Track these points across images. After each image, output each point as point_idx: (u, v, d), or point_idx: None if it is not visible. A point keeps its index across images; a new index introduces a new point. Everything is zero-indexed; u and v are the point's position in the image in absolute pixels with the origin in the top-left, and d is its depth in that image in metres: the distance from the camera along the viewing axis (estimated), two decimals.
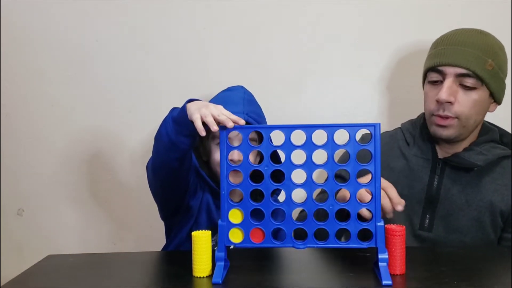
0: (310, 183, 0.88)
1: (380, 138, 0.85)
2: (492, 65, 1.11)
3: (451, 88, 1.11)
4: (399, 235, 0.87)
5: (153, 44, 1.50)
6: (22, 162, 1.55)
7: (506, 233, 1.18)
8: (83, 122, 1.53)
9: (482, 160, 1.16)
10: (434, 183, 1.19)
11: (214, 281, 0.85)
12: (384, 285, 0.82)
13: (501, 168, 1.18)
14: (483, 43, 1.12)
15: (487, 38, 1.15)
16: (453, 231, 1.17)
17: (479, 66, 1.10)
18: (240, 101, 1.21)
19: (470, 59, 1.10)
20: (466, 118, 1.13)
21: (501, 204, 1.16)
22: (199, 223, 1.22)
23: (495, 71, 1.12)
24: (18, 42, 1.51)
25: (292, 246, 0.88)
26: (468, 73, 1.11)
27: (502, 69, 1.15)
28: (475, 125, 1.16)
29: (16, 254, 1.57)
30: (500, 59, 1.14)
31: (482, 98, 1.13)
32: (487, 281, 0.88)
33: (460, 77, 1.12)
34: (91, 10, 1.49)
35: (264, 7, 1.48)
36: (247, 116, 1.17)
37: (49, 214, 1.57)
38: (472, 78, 1.11)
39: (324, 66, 1.50)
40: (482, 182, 1.17)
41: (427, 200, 1.19)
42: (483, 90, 1.12)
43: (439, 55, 1.14)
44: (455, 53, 1.12)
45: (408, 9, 1.46)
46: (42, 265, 1.02)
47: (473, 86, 1.11)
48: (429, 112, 1.17)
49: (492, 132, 1.22)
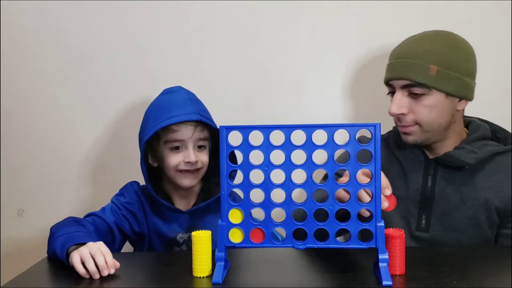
0: (310, 183, 0.88)
1: (380, 138, 0.85)
2: (435, 69, 1.11)
3: (401, 100, 1.15)
4: (398, 236, 0.87)
5: (153, 44, 1.50)
6: (22, 162, 1.55)
7: (504, 229, 1.18)
8: (83, 122, 1.53)
9: (473, 159, 1.16)
10: (428, 183, 1.20)
11: (214, 281, 0.85)
12: (384, 285, 0.82)
13: (494, 164, 1.19)
14: (423, 50, 1.13)
15: (429, 42, 1.15)
16: (450, 230, 1.18)
17: (421, 74, 1.12)
18: (187, 102, 1.20)
19: (410, 69, 1.12)
20: (426, 123, 1.15)
21: (496, 201, 1.16)
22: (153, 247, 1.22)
23: (441, 73, 1.12)
24: (18, 42, 1.51)
25: (292, 246, 0.88)
26: (411, 83, 1.13)
27: (454, 67, 1.13)
28: (441, 127, 1.17)
29: (16, 254, 1.57)
30: (447, 59, 1.13)
31: (436, 101, 1.14)
32: (487, 281, 0.88)
33: (408, 88, 1.14)
34: (91, 10, 1.49)
35: (264, 7, 1.48)
36: (199, 115, 1.17)
37: (49, 214, 1.57)
38: (418, 87, 1.13)
39: (324, 66, 1.50)
40: (476, 180, 1.18)
41: (422, 200, 1.20)
42: (435, 93, 1.13)
43: (387, 70, 1.19)
44: (398, 66, 1.15)
45: (409, 9, 1.46)
46: (42, 265, 1.02)
47: (421, 93, 1.13)
48: (395, 121, 1.21)
49: (482, 130, 1.22)
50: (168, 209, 1.21)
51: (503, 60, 1.46)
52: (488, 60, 1.38)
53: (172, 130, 1.17)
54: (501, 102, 1.46)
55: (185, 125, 1.16)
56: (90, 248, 0.94)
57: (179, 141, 1.17)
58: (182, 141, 1.17)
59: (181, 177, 1.19)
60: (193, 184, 1.21)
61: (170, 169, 1.19)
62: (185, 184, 1.20)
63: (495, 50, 1.44)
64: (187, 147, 1.18)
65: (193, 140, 1.18)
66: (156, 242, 1.22)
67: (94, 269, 0.91)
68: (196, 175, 1.20)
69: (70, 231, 1.03)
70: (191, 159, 1.16)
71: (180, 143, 1.18)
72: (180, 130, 1.17)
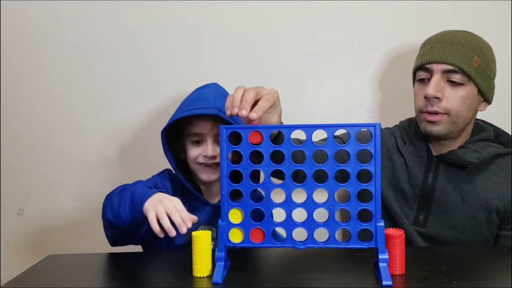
0: (310, 183, 0.88)
1: (380, 138, 0.85)
2: (478, 62, 1.13)
3: (438, 84, 1.13)
4: (398, 236, 0.87)
5: (153, 44, 1.50)
6: (22, 162, 1.55)
7: (504, 230, 1.19)
8: (83, 122, 1.53)
9: (476, 158, 1.16)
10: (428, 180, 1.21)
11: (214, 281, 0.85)
12: (384, 285, 0.82)
13: (496, 166, 1.19)
14: (469, 41, 1.15)
15: (474, 37, 1.17)
16: (448, 228, 1.18)
17: (465, 62, 1.12)
18: (211, 97, 1.22)
19: (456, 55, 1.13)
20: (455, 114, 1.14)
21: (497, 202, 1.16)
22: None
23: (482, 68, 1.13)
24: (18, 42, 1.51)
25: (292, 246, 0.88)
26: (454, 69, 1.13)
27: (490, 67, 1.16)
28: (465, 122, 1.17)
29: (16, 254, 1.57)
30: (487, 57, 1.16)
31: (470, 94, 1.14)
32: (487, 281, 0.88)
33: (447, 73, 1.13)
34: (91, 10, 1.49)
35: (264, 7, 1.48)
36: (218, 111, 1.17)
37: (49, 214, 1.57)
38: (459, 74, 1.13)
39: (324, 65, 1.50)
40: (477, 180, 1.18)
41: (422, 197, 1.21)
42: (471, 86, 1.14)
43: (426, 54, 1.17)
44: (441, 50, 1.14)
45: (408, 9, 1.47)
46: (42, 265, 1.02)
47: (460, 81, 1.13)
48: (419, 109, 1.19)
49: (486, 131, 1.23)
50: (196, 199, 1.22)
51: (503, 60, 1.46)
52: None
53: (193, 123, 1.20)
54: (501, 102, 1.46)
55: (204, 119, 1.19)
56: (165, 205, 0.95)
57: (198, 134, 1.20)
58: (201, 134, 1.20)
59: (201, 171, 1.22)
60: (211, 179, 1.23)
61: (191, 162, 1.22)
62: (203, 178, 1.22)
63: (495, 50, 1.43)
64: (206, 141, 1.20)
65: (212, 135, 1.19)
66: None
67: (169, 225, 0.93)
68: (215, 170, 1.22)
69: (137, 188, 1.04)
70: (208, 153, 1.18)
71: (199, 137, 1.21)
72: (199, 124, 1.20)
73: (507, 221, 1.18)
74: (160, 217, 0.94)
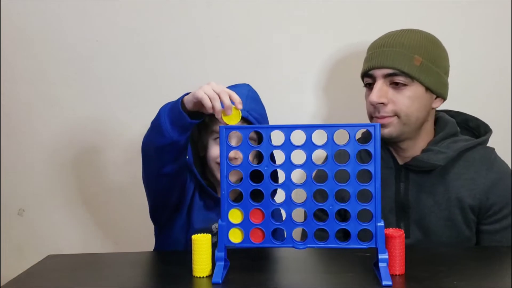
0: (310, 183, 0.88)
1: (380, 138, 0.85)
2: (419, 60, 1.12)
3: (381, 89, 1.13)
4: (398, 236, 0.87)
5: (153, 44, 1.50)
6: (22, 162, 1.55)
7: (484, 225, 1.17)
8: (83, 122, 1.53)
9: (442, 159, 1.14)
10: (401, 190, 1.19)
11: (214, 281, 0.85)
12: (384, 285, 0.82)
13: (465, 161, 1.17)
14: (409, 41, 1.14)
15: (414, 35, 1.16)
16: (429, 234, 1.16)
17: (405, 63, 1.11)
18: (242, 97, 1.19)
19: (395, 57, 1.12)
20: (405, 115, 1.14)
21: (469, 199, 1.14)
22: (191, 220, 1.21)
23: (424, 66, 1.12)
24: (18, 42, 1.52)
25: (292, 246, 0.88)
26: (394, 72, 1.12)
27: (436, 63, 1.14)
28: (417, 122, 1.16)
29: (16, 254, 1.57)
30: (431, 53, 1.14)
31: (417, 94, 1.13)
32: (487, 281, 0.88)
33: (389, 77, 1.13)
34: (91, 10, 1.49)
35: (264, 7, 1.48)
36: (248, 113, 1.16)
37: (49, 214, 1.57)
38: (401, 76, 1.12)
39: (324, 65, 1.50)
40: (447, 180, 1.16)
41: (398, 208, 1.19)
42: (416, 85, 1.13)
43: (368, 60, 1.18)
44: (380, 55, 1.14)
45: (409, 9, 1.46)
46: (42, 265, 1.02)
47: (404, 82, 1.12)
48: (369, 115, 1.19)
49: (449, 127, 1.20)
50: (210, 197, 1.20)
51: (503, 60, 1.46)
52: (488, 60, 1.38)
53: (218, 121, 1.15)
54: (501, 102, 1.46)
55: None
56: (213, 86, 0.93)
57: None
58: None
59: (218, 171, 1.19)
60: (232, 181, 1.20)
61: (211, 160, 1.19)
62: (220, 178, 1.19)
63: (495, 50, 1.44)
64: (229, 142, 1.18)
65: (236, 136, 1.17)
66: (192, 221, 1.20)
67: (219, 107, 0.92)
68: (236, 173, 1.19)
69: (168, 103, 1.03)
70: (231, 155, 1.15)
71: None
72: None
73: (484, 215, 1.16)
74: (211, 96, 0.91)
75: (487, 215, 1.16)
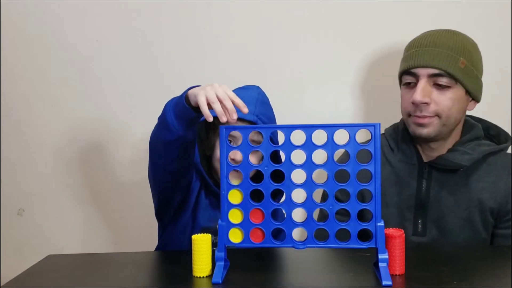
0: (310, 183, 0.88)
1: (380, 138, 0.85)
2: (464, 63, 1.12)
3: (425, 89, 1.12)
4: (398, 236, 0.87)
5: (153, 44, 1.50)
6: (22, 162, 1.55)
7: (499, 229, 1.18)
8: (83, 122, 1.53)
9: (468, 160, 1.15)
10: (422, 187, 1.19)
11: (214, 281, 0.85)
12: (384, 285, 0.82)
13: (488, 165, 1.18)
14: (454, 42, 1.14)
15: (459, 37, 1.16)
16: (446, 233, 1.17)
17: (451, 65, 1.11)
18: (252, 101, 1.17)
19: (442, 58, 1.12)
20: (446, 116, 1.14)
21: (490, 202, 1.16)
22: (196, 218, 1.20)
23: (468, 69, 1.13)
24: (18, 42, 1.52)
25: (292, 246, 0.88)
26: (440, 72, 1.12)
27: (476, 67, 1.15)
28: (455, 123, 1.17)
29: (16, 254, 1.57)
30: (473, 57, 1.14)
31: (458, 96, 1.14)
32: (487, 281, 0.88)
33: (434, 77, 1.13)
34: (91, 10, 1.49)
35: (264, 7, 1.48)
36: (257, 118, 1.15)
37: (49, 214, 1.57)
38: (446, 77, 1.12)
39: (324, 65, 1.50)
40: (469, 182, 1.17)
41: (417, 205, 1.19)
42: (458, 88, 1.13)
43: (411, 58, 1.16)
44: (427, 54, 1.13)
45: (409, 9, 1.46)
46: (42, 265, 1.02)
47: (447, 84, 1.12)
48: (406, 113, 1.18)
49: (475, 130, 1.21)
50: (216, 196, 1.19)
51: (503, 60, 1.46)
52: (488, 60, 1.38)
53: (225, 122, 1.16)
54: (501, 102, 1.46)
55: (240, 123, 1.13)
56: (216, 90, 0.91)
57: (231, 136, 1.15)
58: (233, 137, 1.16)
59: None
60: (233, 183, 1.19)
61: (217, 162, 1.17)
62: None
63: (495, 50, 1.44)
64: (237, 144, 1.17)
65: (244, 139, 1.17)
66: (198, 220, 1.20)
67: (221, 110, 0.89)
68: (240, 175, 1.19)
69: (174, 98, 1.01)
70: (236, 157, 1.15)
71: (231, 138, 1.16)
72: None
73: (501, 219, 1.17)
74: (211, 100, 0.89)
75: (505, 219, 1.18)
